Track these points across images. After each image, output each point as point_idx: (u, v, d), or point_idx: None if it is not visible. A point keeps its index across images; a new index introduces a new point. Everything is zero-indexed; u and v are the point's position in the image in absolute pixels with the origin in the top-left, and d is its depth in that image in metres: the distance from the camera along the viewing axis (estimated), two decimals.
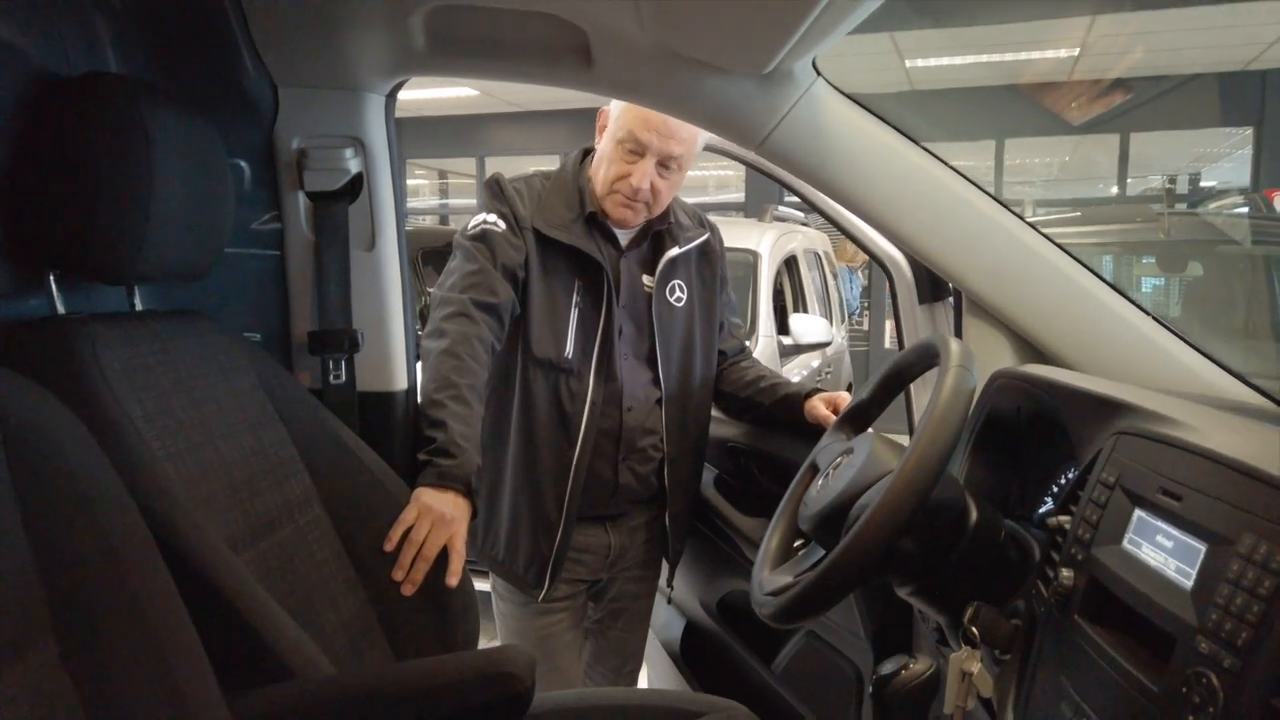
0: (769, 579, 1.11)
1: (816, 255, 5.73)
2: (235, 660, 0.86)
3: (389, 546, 1.28)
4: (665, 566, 1.86)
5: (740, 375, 1.82)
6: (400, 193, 1.48)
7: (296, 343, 1.44)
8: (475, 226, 1.57)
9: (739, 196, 8.95)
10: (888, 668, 0.92)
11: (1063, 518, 0.85)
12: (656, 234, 1.65)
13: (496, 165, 8.70)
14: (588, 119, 1.66)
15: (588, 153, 1.66)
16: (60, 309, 1.05)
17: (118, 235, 1.00)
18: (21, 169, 0.97)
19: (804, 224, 5.84)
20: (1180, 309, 4.37)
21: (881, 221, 1.33)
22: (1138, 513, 0.72)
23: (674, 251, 1.66)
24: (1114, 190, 9.12)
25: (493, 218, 1.56)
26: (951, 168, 1.30)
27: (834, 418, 1.42)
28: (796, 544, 1.21)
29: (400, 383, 1.48)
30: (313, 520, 1.26)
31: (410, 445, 1.46)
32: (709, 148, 1.68)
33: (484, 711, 0.90)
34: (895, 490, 0.88)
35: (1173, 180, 8.03)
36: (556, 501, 1.58)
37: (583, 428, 1.57)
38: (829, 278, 6.01)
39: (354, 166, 1.39)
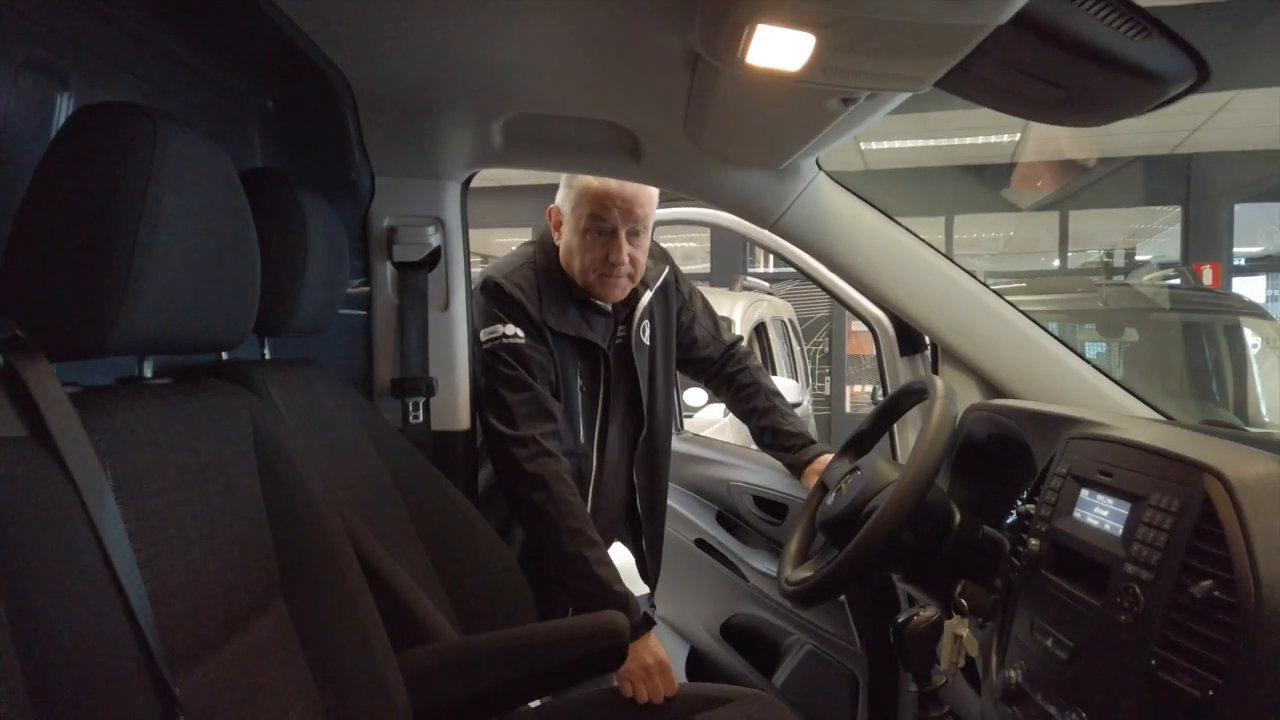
0: (793, 574, 1.36)
1: (783, 322, 6.09)
2: (390, 624, 1.09)
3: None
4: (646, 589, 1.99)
5: (736, 391, 1.93)
6: (469, 262, 1.75)
7: (379, 388, 1.69)
8: (495, 339, 1.60)
9: (704, 267, 9.34)
10: (902, 617, 1.18)
11: (1029, 505, 1.13)
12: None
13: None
14: (548, 193, 1.73)
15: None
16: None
17: (276, 301, 1.25)
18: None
19: (770, 293, 6.22)
20: (1120, 371, 4.76)
21: (870, 286, 1.63)
22: (1083, 491, 1.01)
23: (647, 297, 1.75)
24: (1055, 263, 9.70)
25: (511, 329, 1.60)
26: (926, 242, 1.61)
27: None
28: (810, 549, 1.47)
29: (465, 423, 1.73)
30: (405, 537, 1.50)
31: (471, 475, 1.70)
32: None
33: (592, 660, 1.15)
34: (900, 492, 1.15)
35: (1110, 254, 8.60)
36: None
37: (590, 499, 1.70)
38: (794, 343, 6.36)
39: (434, 241, 1.66)
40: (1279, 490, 0.79)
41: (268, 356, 1.42)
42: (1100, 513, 0.96)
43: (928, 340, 1.73)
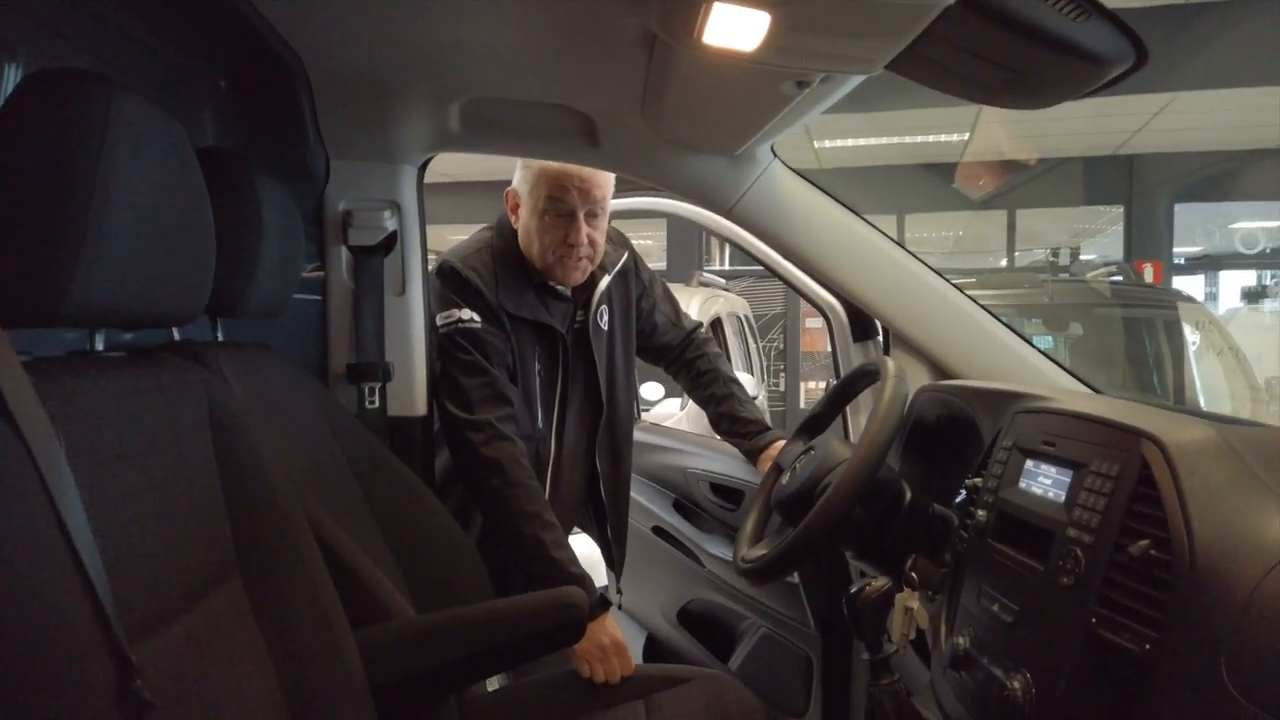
0: (748, 553, 1.38)
1: (738, 318, 6.14)
2: (347, 603, 1.09)
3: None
4: (612, 577, 2.02)
5: (695, 378, 1.94)
6: (425, 247, 1.74)
7: (334, 373, 1.68)
8: (451, 323, 1.60)
9: (661, 265, 9.38)
10: (854, 587, 1.20)
11: (977, 479, 1.16)
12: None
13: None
14: (503, 189, 1.71)
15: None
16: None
17: (229, 281, 1.24)
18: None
19: (725, 289, 6.27)
20: (1066, 363, 4.88)
21: (823, 272, 1.66)
22: (1028, 461, 1.04)
23: (605, 282, 1.74)
24: (1004, 262, 9.91)
25: (467, 314, 1.59)
26: (878, 229, 1.65)
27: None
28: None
29: (422, 408, 1.72)
30: (361, 520, 1.49)
31: (428, 461, 1.70)
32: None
33: (551, 635, 1.16)
34: (852, 469, 1.18)
35: (1055, 253, 8.82)
36: None
37: (548, 484, 1.69)
38: (749, 339, 6.42)
39: (390, 225, 1.65)
40: (1212, 454, 0.82)
41: (220, 339, 1.41)
42: (1044, 481, 0.99)
43: (880, 326, 1.77)
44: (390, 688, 1.10)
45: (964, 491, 1.24)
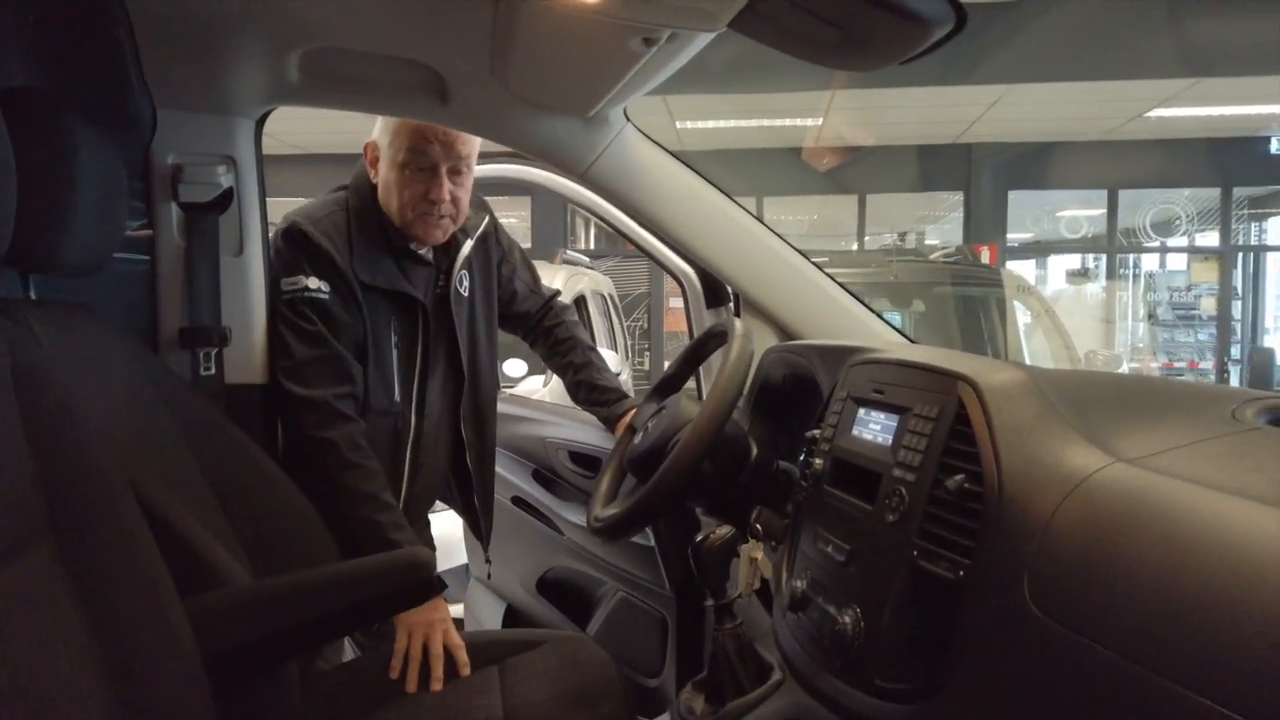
0: (601, 512, 1.40)
1: (603, 296, 6.16)
2: (176, 571, 1.03)
3: (394, 674, 1.36)
4: (480, 551, 1.99)
5: (553, 346, 1.91)
6: (264, 205, 1.66)
7: (165, 339, 1.58)
8: (297, 290, 1.52)
9: (526, 243, 9.30)
10: (699, 537, 1.23)
11: (816, 431, 1.21)
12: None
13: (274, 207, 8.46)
14: (354, 163, 1.65)
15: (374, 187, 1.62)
16: None
17: (38, 232, 1.14)
18: None
19: (590, 267, 6.28)
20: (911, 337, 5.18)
21: (675, 237, 1.69)
22: (860, 410, 1.09)
23: (468, 246, 1.69)
24: (855, 244, 10.35)
25: (315, 282, 1.52)
26: (727, 195, 1.68)
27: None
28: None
29: (263, 376, 1.64)
30: (194, 487, 1.41)
31: (270, 430, 1.62)
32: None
33: (400, 595, 1.13)
34: (700, 423, 1.20)
35: (903, 236, 9.28)
36: None
37: (407, 459, 1.65)
38: (614, 318, 6.45)
39: (225, 182, 1.56)
40: (1020, 393, 0.89)
41: (34, 298, 1.30)
42: (874, 427, 1.05)
43: (731, 292, 1.81)
44: (225, 656, 1.05)
45: (805, 445, 1.29)
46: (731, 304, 1.86)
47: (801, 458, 1.26)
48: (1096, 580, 0.68)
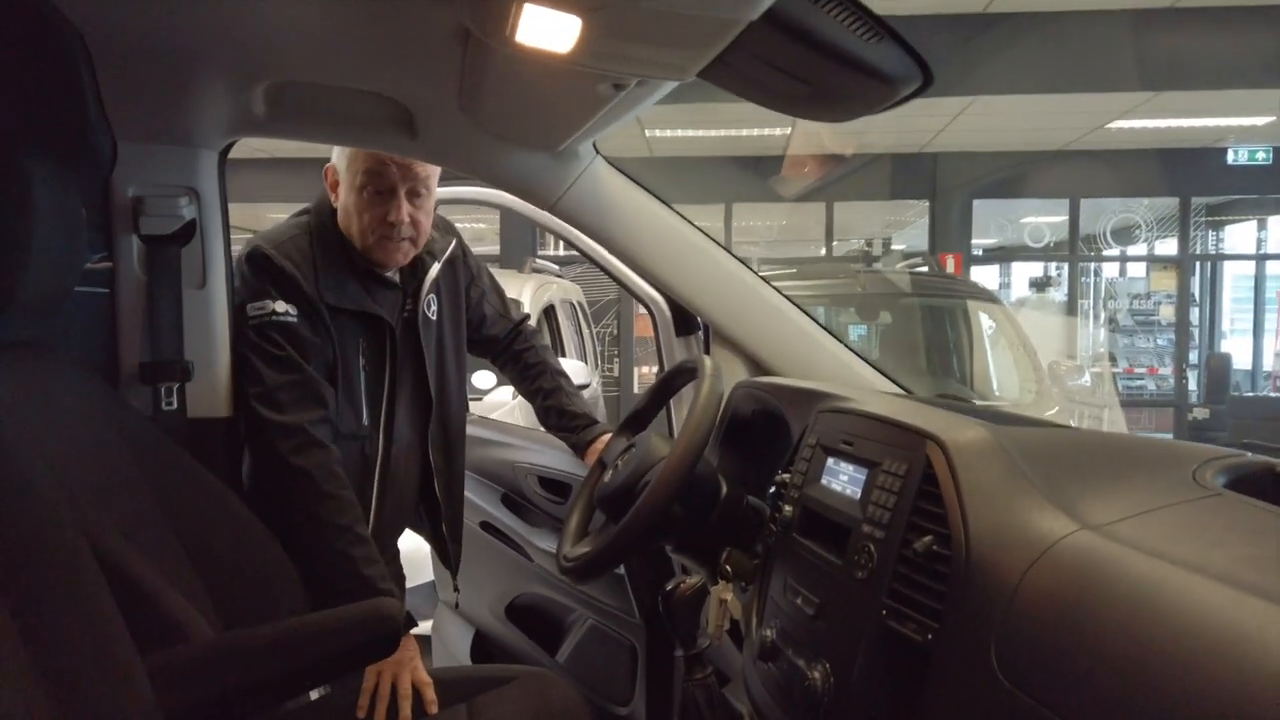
0: (571, 551, 1.39)
1: (572, 305, 6.15)
2: (134, 624, 1.01)
3: (361, 714, 1.36)
4: (450, 580, 1.99)
5: (523, 371, 1.90)
6: (228, 237, 1.63)
7: (125, 374, 1.54)
8: (264, 315, 1.50)
9: (494, 249, 9.25)
10: (669, 585, 1.23)
11: (785, 475, 1.21)
12: (416, 256, 1.65)
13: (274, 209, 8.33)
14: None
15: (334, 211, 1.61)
16: None
17: None
18: None
19: (559, 276, 6.26)
20: (876, 350, 5.22)
21: (646, 268, 1.69)
22: (829, 459, 1.10)
23: (435, 269, 1.68)
24: (823, 250, 10.43)
25: (282, 306, 1.50)
26: (698, 229, 1.68)
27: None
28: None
29: (226, 409, 1.61)
30: (154, 532, 1.38)
31: (235, 465, 1.60)
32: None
33: (365, 648, 1.12)
34: (669, 468, 1.20)
35: (869, 244, 9.37)
36: None
37: (375, 485, 1.63)
38: (583, 326, 6.44)
39: (188, 214, 1.53)
40: (988, 453, 0.89)
41: None
42: (843, 479, 1.05)
43: (700, 321, 1.81)
44: (187, 713, 1.03)
45: (774, 485, 1.29)
46: (701, 333, 1.86)
47: (770, 496, 1.27)
48: (1063, 653, 0.69)
